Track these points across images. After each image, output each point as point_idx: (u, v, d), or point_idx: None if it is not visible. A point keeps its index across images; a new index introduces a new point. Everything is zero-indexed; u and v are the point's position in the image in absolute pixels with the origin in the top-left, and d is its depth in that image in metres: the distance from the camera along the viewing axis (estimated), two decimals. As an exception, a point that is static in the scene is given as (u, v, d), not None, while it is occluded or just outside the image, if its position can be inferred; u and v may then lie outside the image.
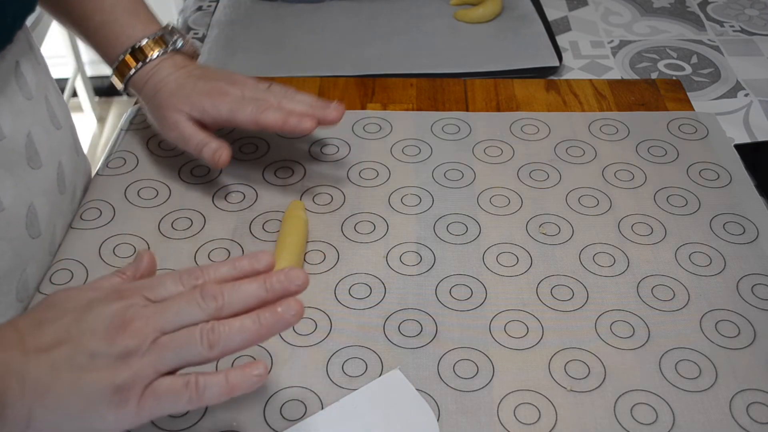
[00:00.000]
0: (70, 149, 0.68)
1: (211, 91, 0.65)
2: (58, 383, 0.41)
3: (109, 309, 0.43)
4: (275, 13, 0.99)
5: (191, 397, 0.42)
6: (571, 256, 0.63)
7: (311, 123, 0.63)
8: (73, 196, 0.69)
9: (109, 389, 0.41)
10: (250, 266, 0.47)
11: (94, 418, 0.41)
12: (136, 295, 0.44)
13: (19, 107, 0.60)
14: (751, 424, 0.51)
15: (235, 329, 0.43)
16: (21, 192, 0.59)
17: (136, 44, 0.67)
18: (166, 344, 0.43)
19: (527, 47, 0.90)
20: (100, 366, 0.41)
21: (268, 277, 0.45)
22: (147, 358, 0.42)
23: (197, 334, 0.43)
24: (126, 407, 0.41)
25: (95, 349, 0.42)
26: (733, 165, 0.71)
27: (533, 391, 0.53)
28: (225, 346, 0.43)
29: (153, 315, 0.43)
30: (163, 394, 0.42)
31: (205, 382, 0.42)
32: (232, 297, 0.44)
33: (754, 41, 0.93)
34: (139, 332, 0.42)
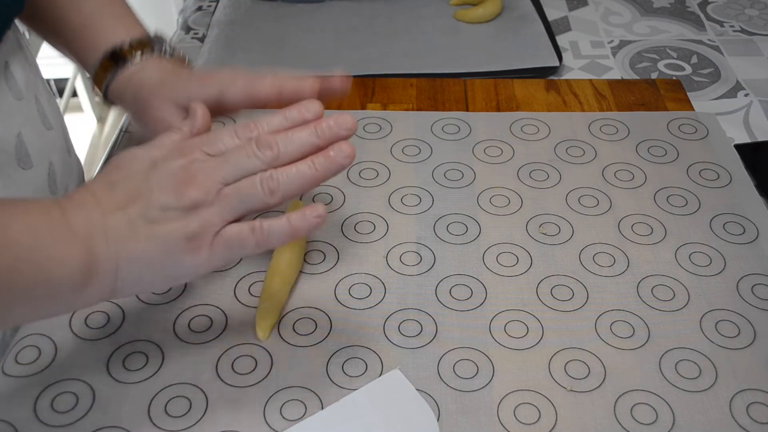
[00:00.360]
0: (62, 150, 0.68)
1: (197, 76, 0.60)
2: (136, 236, 0.44)
3: (173, 165, 0.46)
4: (275, 13, 0.99)
5: (258, 240, 0.46)
6: (571, 256, 0.63)
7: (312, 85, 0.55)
8: None
9: (182, 238, 0.45)
10: (300, 115, 0.48)
11: (171, 265, 0.45)
12: (196, 150, 0.47)
13: (9, 107, 0.60)
14: (751, 424, 0.51)
15: (292, 175, 0.46)
16: (11, 192, 0.59)
17: (116, 48, 0.62)
18: (229, 194, 0.46)
19: (527, 47, 0.90)
20: (172, 218, 0.45)
21: (318, 125, 0.47)
22: (213, 208, 0.45)
23: (258, 182, 0.46)
24: (199, 254, 0.45)
25: (165, 203, 0.45)
26: (733, 165, 0.71)
27: (533, 391, 0.53)
28: (285, 191, 0.46)
29: (215, 168, 0.46)
30: (231, 240, 0.45)
31: (270, 226, 0.46)
32: (287, 145, 0.47)
33: (754, 41, 0.93)
34: (204, 185, 0.45)
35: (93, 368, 0.54)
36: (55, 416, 0.51)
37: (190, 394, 0.53)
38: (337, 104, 0.80)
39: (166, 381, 0.54)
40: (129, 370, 0.54)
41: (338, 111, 0.78)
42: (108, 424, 0.51)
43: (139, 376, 0.54)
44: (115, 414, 0.51)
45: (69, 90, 2.14)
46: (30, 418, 0.51)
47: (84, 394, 0.53)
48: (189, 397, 0.52)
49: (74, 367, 0.54)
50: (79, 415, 0.51)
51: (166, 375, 0.54)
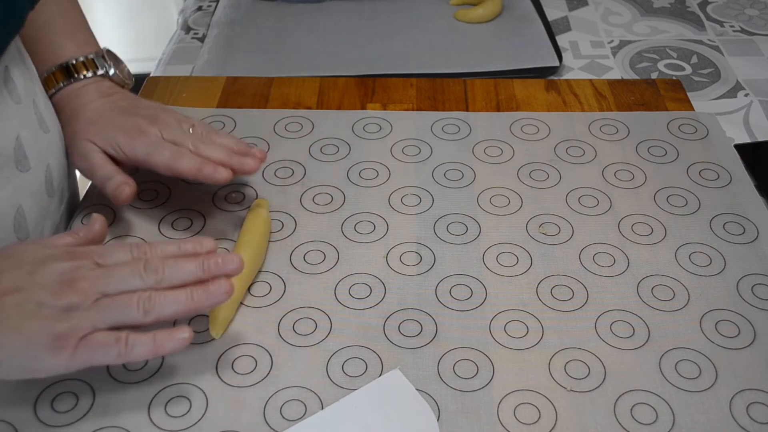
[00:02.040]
0: (59, 152, 0.68)
1: (129, 128, 0.63)
2: (7, 324, 0.46)
3: (60, 266, 0.49)
4: (275, 13, 0.99)
5: (120, 350, 0.47)
6: (571, 256, 0.63)
7: (226, 173, 0.61)
8: (61, 199, 0.69)
9: (50, 336, 0.46)
10: (193, 249, 0.52)
11: (33, 358, 0.47)
12: (87, 257, 0.50)
13: (8, 111, 0.60)
14: (751, 424, 0.51)
15: (169, 300, 0.49)
16: (9, 195, 0.59)
17: (66, 62, 0.66)
18: (106, 305, 0.48)
19: (527, 47, 0.90)
20: (45, 315, 0.47)
21: (207, 258, 0.51)
22: (87, 314, 0.47)
23: (135, 300, 0.48)
24: (61, 353, 0.46)
25: (43, 300, 0.47)
26: (733, 165, 0.71)
27: (533, 391, 0.53)
28: (159, 313, 0.48)
29: (99, 278, 0.48)
30: (95, 346, 0.47)
31: (135, 340, 0.48)
32: (172, 272, 0.50)
33: (754, 41, 0.93)
34: (84, 291, 0.48)
35: (93, 368, 0.54)
36: (55, 416, 0.51)
37: (190, 394, 0.53)
38: (338, 104, 0.80)
39: (166, 381, 0.54)
40: (129, 370, 0.54)
41: (338, 111, 0.78)
42: (108, 424, 0.51)
43: (139, 376, 0.54)
44: (115, 414, 0.51)
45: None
46: (30, 418, 0.51)
47: (84, 394, 0.53)
48: (189, 397, 0.52)
49: (74, 367, 0.54)
50: (79, 415, 0.51)
51: (166, 375, 0.54)
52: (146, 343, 0.48)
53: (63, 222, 0.69)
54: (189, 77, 0.87)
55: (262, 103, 0.80)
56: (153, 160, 0.62)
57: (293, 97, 0.81)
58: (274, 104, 0.80)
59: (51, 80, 0.66)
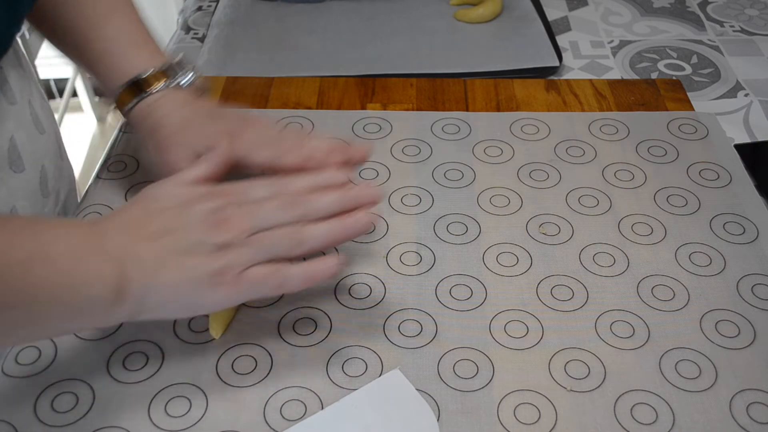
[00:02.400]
0: (54, 154, 0.68)
1: (222, 133, 0.59)
2: (166, 265, 0.47)
3: (208, 206, 0.50)
4: (275, 13, 0.99)
5: (279, 282, 0.49)
6: (571, 256, 0.63)
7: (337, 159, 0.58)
8: (57, 200, 0.68)
9: (208, 273, 0.47)
10: (327, 181, 0.53)
11: (194, 296, 0.48)
12: (231, 196, 0.51)
13: (2, 111, 0.60)
14: (751, 424, 0.51)
15: (319, 232, 0.50)
16: (3, 195, 0.59)
17: (138, 76, 0.61)
18: (258, 240, 0.49)
19: (527, 47, 0.90)
20: (202, 253, 0.48)
21: (345, 192, 0.52)
22: (241, 250, 0.48)
23: (287, 234, 0.50)
24: (221, 290, 0.48)
25: (197, 239, 0.48)
26: (733, 165, 0.71)
27: (533, 391, 0.53)
28: (310, 245, 0.50)
29: (246, 215, 0.50)
30: (253, 281, 0.49)
31: (290, 271, 0.49)
32: (314, 206, 0.51)
33: (754, 41, 0.93)
34: (235, 228, 0.49)
35: (93, 368, 0.54)
36: (55, 416, 0.51)
37: (190, 394, 0.53)
38: (338, 104, 0.80)
39: (166, 381, 0.54)
40: (129, 370, 0.54)
41: (338, 111, 0.78)
42: (108, 424, 0.51)
43: (139, 376, 0.54)
44: (115, 414, 0.51)
45: (69, 90, 2.14)
46: (30, 418, 0.51)
47: (84, 394, 0.53)
48: (189, 397, 0.52)
49: (74, 367, 0.54)
50: (79, 415, 0.51)
51: (166, 375, 0.54)
52: (302, 273, 0.49)
53: None
54: (189, 77, 0.86)
55: (262, 103, 0.80)
56: (255, 159, 0.59)
57: (293, 97, 0.81)
58: (274, 104, 0.80)
59: (124, 97, 0.62)
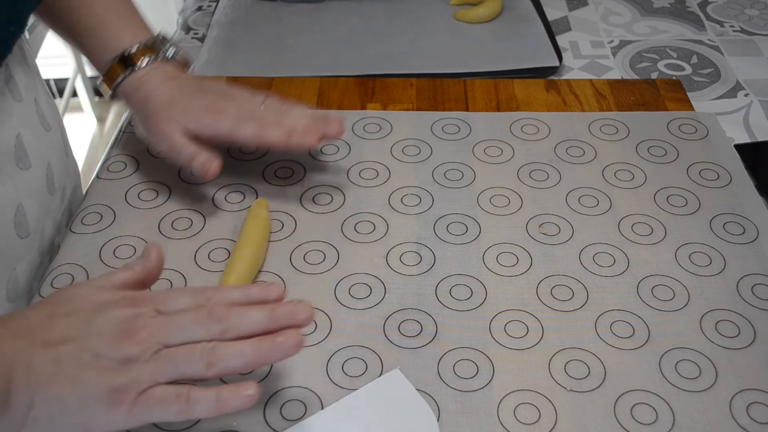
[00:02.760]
0: (60, 151, 0.68)
1: (208, 107, 0.64)
2: (60, 376, 0.43)
3: (119, 314, 0.45)
4: (275, 13, 0.99)
5: (181, 408, 0.43)
6: (571, 256, 0.63)
7: (314, 138, 0.63)
8: (63, 197, 0.69)
9: (106, 389, 0.43)
10: (259, 296, 0.48)
11: (88, 414, 0.43)
12: (148, 304, 0.46)
13: (9, 109, 0.60)
14: (751, 424, 0.51)
15: (234, 352, 0.45)
16: (9, 192, 0.59)
17: (125, 51, 0.65)
18: (167, 357, 0.44)
19: (527, 47, 0.90)
20: (102, 367, 0.43)
21: (275, 308, 0.47)
22: (147, 367, 0.44)
23: (197, 352, 0.44)
24: (119, 409, 0.43)
25: (100, 351, 0.44)
26: (733, 165, 0.71)
27: (533, 391, 0.53)
28: (223, 367, 0.44)
29: (159, 327, 0.45)
30: (155, 402, 0.43)
31: (197, 396, 0.44)
32: (238, 322, 0.46)
33: (754, 41, 0.93)
34: (144, 342, 0.44)
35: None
36: (55, 416, 0.51)
37: (190, 394, 0.53)
38: (338, 104, 0.80)
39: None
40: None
41: (339, 111, 0.78)
42: (108, 424, 0.51)
43: (139, 376, 0.54)
44: (115, 414, 0.51)
45: (69, 90, 2.14)
46: (30, 418, 0.51)
47: (84, 394, 0.53)
48: (189, 397, 0.52)
49: (74, 367, 0.54)
50: (79, 415, 0.51)
51: (166, 375, 0.54)
52: (209, 400, 0.44)
53: (64, 220, 0.69)
54: (189, 77, 0.87)
55: (262, 103, 0.80)
56: (239, 134, 0.63)
57: (293, 97, 0.81)
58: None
59: (113, 71, 0.65)
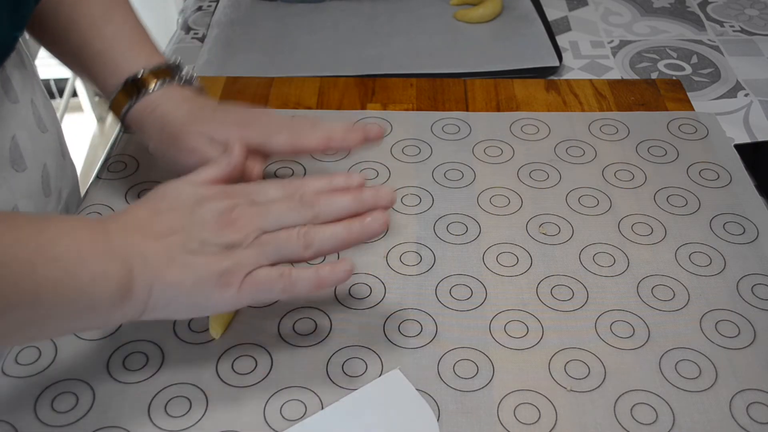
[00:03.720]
0: (56, 152, 0.68)
1: (235, 121, 0.60)
2: (173, 264, 0.47)
3: (218, 205, 0.49)
4: (275, 13, 0.99)
5: (285, 286, 0.48)
6: (571, 256, 0.63)
7: (356, 138, 0.59)
8: (59, 199, 0.69)
9: (215, 273, 0.47)
10: (344, 183, 0.52)
11: (200, 296, 0.47)
12: (242, 196, 0.50)
13: (5, 110, 0.60)
14: (751, 424, 0.51)
15: (328, 234, 0.49)
16: (4, 194, 0.59)
17: (137, 74, 0.61)
18: (267, 241, 0.48)
19: (527, 47, 0.90)
20: (209, 253, 0.47)
21: (360, 192, 0.51)
22: (249, 251, 0.48)
23: (294, 235, 0.48)
24: (228, 290, 0.47)
25: (205, 238, 0.47)
26: (733, 165, 0.71)
27: (533, 391, 0.53)
28: (319, 247, 0.49)
29: (256, 215, 0.49)
30: (260, 283, 0.48)
31: (298, 275, 0.48)
32: (327, 207, 0.50)
33: (754, 41, 0.93)
34: (244, 228, 0.48)
35: (93, 368, 0.54)
36: (55, 416, 0.51)
37: (190, 394, 0.53)
38: (338, 104, 0.80)
39: (166, 381, 0.54)
40: (129, 370, 0.54)
41: (338, 111, 0.78)
42: (108, 424, 0.51)
43: (139, 376, 0.54)
44: (115, 414, 0.51)
45: (69, 90, 2.14)
46: (30, 418, 0.51)
47: (84, 394, 0.53)
48: (189, 397, 0.52)
49: (74, 367, 0.54)
50: (79, 415, 0.51)
51: (166, 375, 0.54)
52: (310, 277, 0.48)
53: None
54: (189, 77, 0.86)
55: (262, 103, 0.80)
56: (272, 142, 0.58)
57: (293, 97, 0.81)
58: (274, 104, 0.80)
59: (124, 95, 0.61)
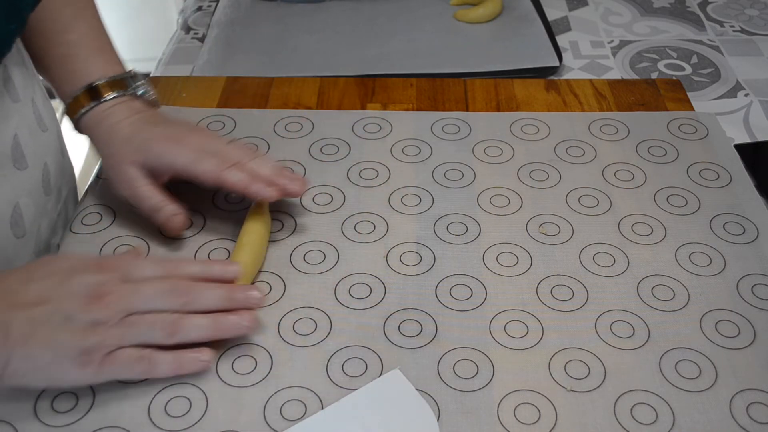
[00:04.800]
0: (56, 151, 0.69)
1: (169, 137, 0.61)
2: (35, 337, 0.47)
3: (89, 279, 0.49)
4: (275, 13, 0.99)
5: (144, 368, 0.50)
6: (571, 256, 0.63)
7: (275, 192, 0.60)
8: (58, 197, 0.69)
9: (76, 349, 0.47)
10: (219, 274, 0.54)
11: (59, 372, 0.48)
12: (116, 271, 0.51)
13: (6, 109, 0.60)
14: (751, 424, 0.51)
15: (194, 325, 0.51)
16: (6, 192, 0.59)
17: (93, 82, 0.63)
18: (132, 323, 0.49)
19: (527, 47, 0.90)
20: (73, 329, 0.48)
21: (233, 290, 0.53)
22: (113, 330, 0.48)
23: (160, 322, 0.50)
24: (88, 367, 0.48)
25: (71, 313, 0.48)
26: (733, 165, 0.71)
27: (533, 391, 0.53)
28: (183, 337, 0.50)
29: (126, 295, 0.50)
30: (120, 362, 0.49)
31: (158, 359, 0.50)
32: (198, 298, 0.51)
33: (754, 41, 0.93)
34: (112, 307, 0.49)
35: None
36: (55, 416, 0.51)
37: (190, 394, 0.53)
38: (338, 104, 0.80)
39: (166, 381, 0.53)
40: (129, 370, 0.54)
41: (338, 111, 0.78)
42: (108, 424, 0.51)
43: (139, 376, 0.54)
44: (115, 414, 0.51)
45: (69, 90, 2.14)
46: (30, 418, 0.51)
47: (84, 394, 0.53)
48: (189, 397, 0.52)
49: (74, 367, 0.54)
50: (79, 415, 0.51)
51: (166, 375, 0.54)
52: (169, 362, 0.50)
53: (60, 220, 0.69)
54: (189, 77, 0.87)
55: (262, 103, 0.80)
56: (197, 169, 0.59)
57: (293, 97, 0.81)
58: (274, 104, 0.80)
59: (78, 101, 0.63)
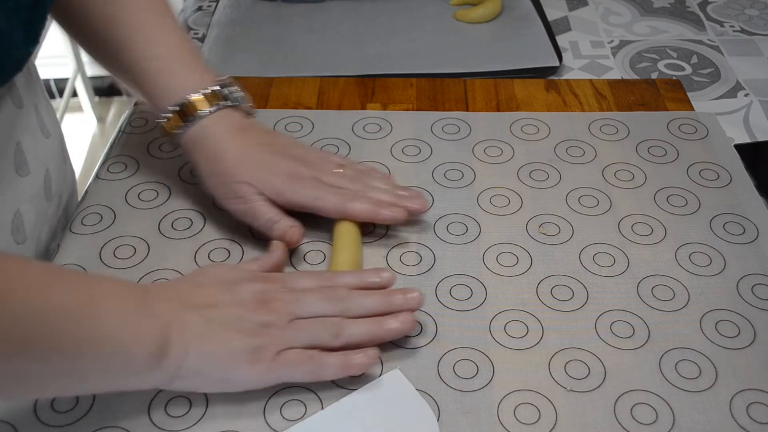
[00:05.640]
0: (58, 157, 0.68)
1: (286, 173, 0.61)
2: (210, 335, 0.49)
3: (255, 286, 0.53)
4: (275, 13, 0.99)
5: (313, 368, 0.51)
6: (571, 256, 0.63)
7: (402, 213, 0.61)
8: (59, 203, 0.69)
9: (248, 348, 0.50)
10: (373, 281, 0.56)
11: (232, 368, 0.50)
12: (278, 281, 0.54)
13: (9, 115, 0.60)
14: (751, 424, 0.51)
15: (359, 329, 0.52)
16: (7, 198, 0.59)
17: (188, 97, 0.61)
18: (299, 326, 0.52)
19: (527, 47, 0.90)
20: (245, 328, 0.50)
21: (390, 294, 0.54)
22: (282, 331, 0.51)
23: (326, 324, 0.52)
24: (257, 366, 0.50)
25: (242, 315, 0.51)
26: (733, 165, 0.71)
27: (533, 391, 0.53)
28: (347, 339, 0.52)
29: (291, 301, 0.52)
30: (290, 362, 0.50)
31: (326, 359, 0.51)
32: (357, 303, 0.53)
33: (754, 41, 0.93)
34: (278, 311, 0.52)
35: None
36: (55, 416, 0.51)
37: (190, 394, 0.53)
38: (338, 104, 0.80)
39: (166, 381, 0.54)
40: (129, 370, 0.54)
41: (338, 111, 0.78)
42: (108, 424, 0.51)
43: (139, 376, 0.54)
44: (115, 414, 0.51)
45: (69, 90, 2.14)
46: (30, 418, 0.51)
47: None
48: (189, 397, 0.52)
49: (74, 367, 0.54)
50: (79, 415, 0.51)
51: (166, 375, 0.54)
52: (337, 363, 0.51)
53: (60, 226, 0.69)
54: (189, 77, 0.86)
55: (262, 103, 0.80)
56: (320, 205, 0.61)
57: (293, 97, 0.81)
58: (274, 104, 0.80)
59: (175, 118, 0.62)
